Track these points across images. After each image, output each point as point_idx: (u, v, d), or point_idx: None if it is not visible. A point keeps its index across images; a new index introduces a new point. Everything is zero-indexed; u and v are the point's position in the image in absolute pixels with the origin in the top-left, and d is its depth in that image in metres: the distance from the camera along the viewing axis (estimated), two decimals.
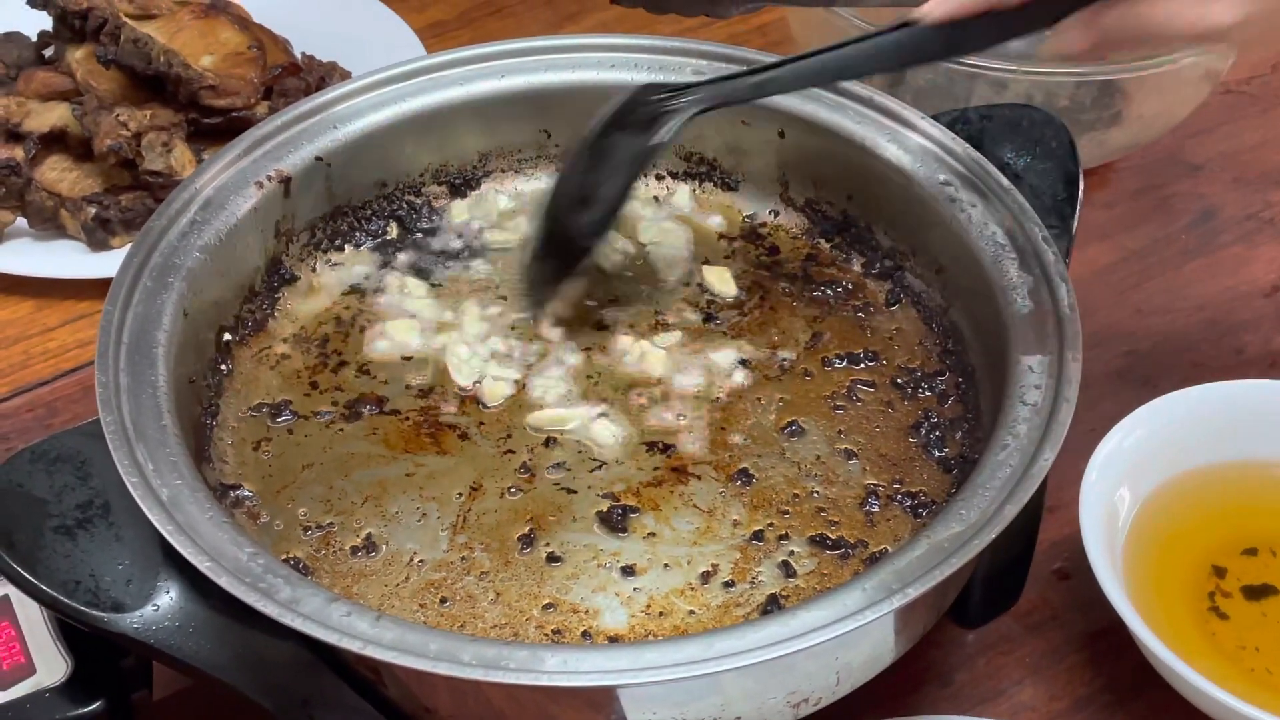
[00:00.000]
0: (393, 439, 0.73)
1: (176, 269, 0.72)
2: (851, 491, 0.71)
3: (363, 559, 0.68)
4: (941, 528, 0.61)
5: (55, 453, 0.64)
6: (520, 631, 0.65)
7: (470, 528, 0.69)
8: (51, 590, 0.60)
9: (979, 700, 0.75)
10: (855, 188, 0.83)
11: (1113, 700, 0.75)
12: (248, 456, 0.72)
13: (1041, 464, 0.63)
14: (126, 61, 1.00)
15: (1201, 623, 0.74)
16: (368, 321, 0.80)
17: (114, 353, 0.67)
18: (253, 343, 0.78)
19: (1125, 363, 0.92)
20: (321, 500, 0.70)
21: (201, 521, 0.61)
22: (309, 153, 0.80)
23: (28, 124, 1.01)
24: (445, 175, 0.86)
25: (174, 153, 0.98)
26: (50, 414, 0.89)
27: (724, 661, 0.56)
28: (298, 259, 0.82)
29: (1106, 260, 0.99)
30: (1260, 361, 0.92)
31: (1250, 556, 0.77)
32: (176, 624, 0.60)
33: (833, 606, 0.58)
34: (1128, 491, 0.77)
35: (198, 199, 0.76)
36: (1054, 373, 0.67)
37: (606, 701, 0.58)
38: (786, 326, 0.79)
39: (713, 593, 0.67)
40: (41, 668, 0.64)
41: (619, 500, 0.70)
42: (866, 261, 0.83)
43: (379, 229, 0.85)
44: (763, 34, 1.19)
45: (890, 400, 0.75)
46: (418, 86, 0.83)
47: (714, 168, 0.87)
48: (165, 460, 0.63)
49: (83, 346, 0.94)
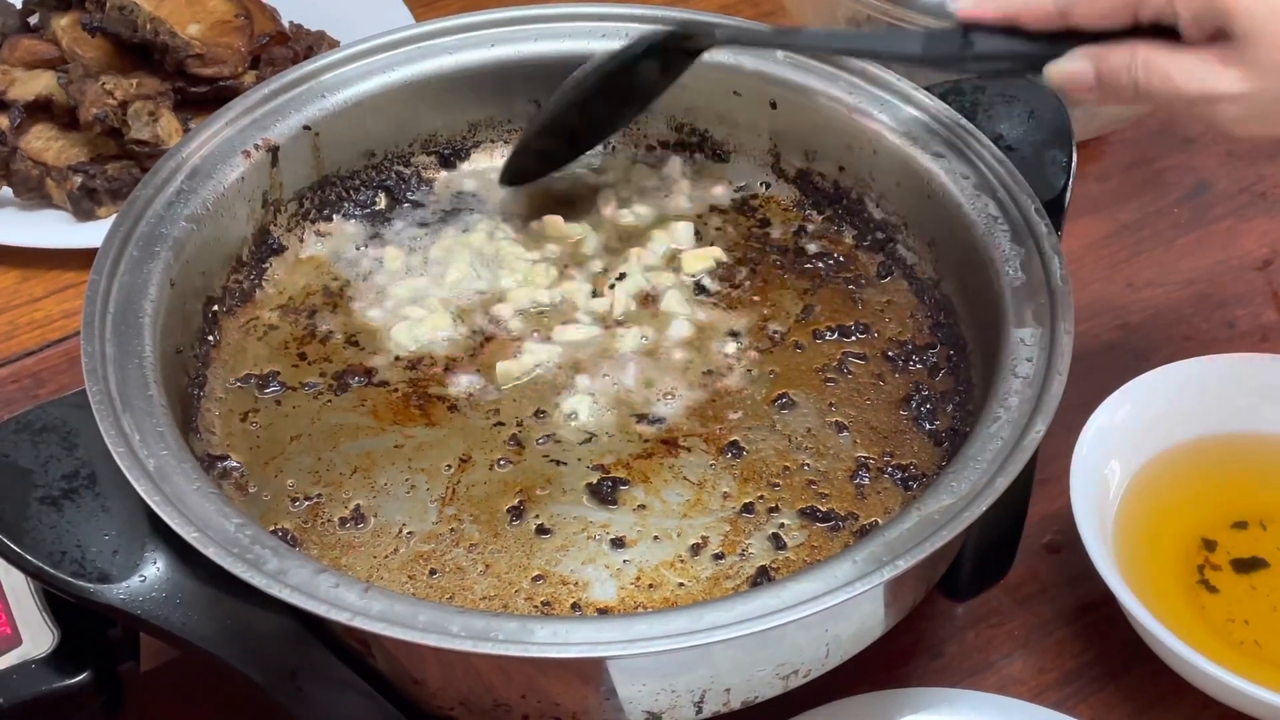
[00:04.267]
0: (381, 410, 0.73)
1: (163, 239, 0.72)
2: (842, 464, 0.71)
3: (351, 530, 0.68)
4: (932, 500, 0.61)
5: (41, 423, 0.64)
6: (509, 603, 0.65)
7: (459, 499, 0.69)
8: (37, 561, 0.60)
9: (969, 673, 0.75)
10: (847, 159, 0.82)
11: (1102, 673, 0.75)
12: (235, 427, 0.72)
13: (1032, 437, 0.62)
14: (112, 29, 0.99)
15: (1191, 596, 0.74)
16: (356, 292, 0.79)
17: (100, 323, 0.67)
18: (240, 313, 0.77)
19: (1117, 336, 0.92)
20: (310, 471, 0.70)
21: (189, 492, 0.60)
22: (297, 122, 0.80)
23: (12, 92, 1.00)
24: (434, 145, 0.86)
25: (160, 122, 0.98)
26: (36, 385, 0.89)
27: (714, 633, 0.56)
28: (285, 229, 0.81)
29: (1099, 233, 0.99)
30: (1252, 335, 0.92)
31: (1240, 530, 0.77)
32: (164, 595, 0.60)
33: (823, 578, 0.57)
34: (1118, 465, 0.77)
35: (184, 168, 0.75)
36: (1046, 345, 0.66)
37: (596, 673, 0.58)
38: (777, 299, 0.79)
39: (702, 565, 0.66)
40: (28, 639, 0.64)
41: (609, 472, 0.70)
42: (858, 234, 0.82)
43: (367, 199, 0.84)
44: (754, 4, 1.18)
45: (881, 373, 0.75)
46: (406, 55, 0.83)
47: (705, 139, 0.87)
48: (152, 431, 0.63)
49: (69, 317, 0.93)
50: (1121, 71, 0.65)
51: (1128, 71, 0.64)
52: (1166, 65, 0.64)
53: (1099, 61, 0.65)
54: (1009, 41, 0.68)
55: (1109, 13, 0.65)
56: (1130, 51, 0.64)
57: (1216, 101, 0.63)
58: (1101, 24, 0.65)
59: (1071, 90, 0.67)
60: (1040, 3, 0.66)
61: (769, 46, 0.81)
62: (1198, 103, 0.64)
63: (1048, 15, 0.66)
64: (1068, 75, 0.66)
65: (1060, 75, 0.67)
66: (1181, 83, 0.63)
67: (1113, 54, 0.65)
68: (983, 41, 0.68)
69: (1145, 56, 0.64)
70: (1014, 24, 0.67)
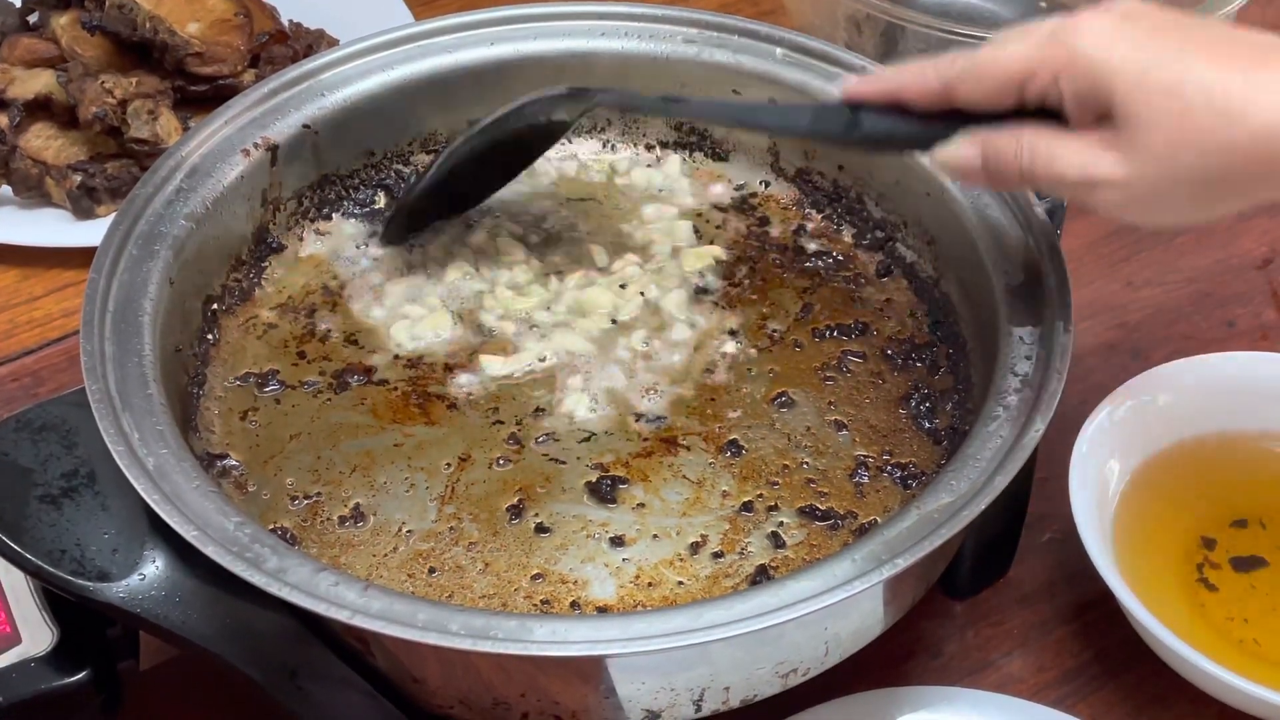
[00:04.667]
0: (381, 409, 0.73)
1: (162, 237, 0.72)
2: (841, 463, 0.71)
3: (350, 529, 0.68)
4: (931, 499, 0.61)
5: (40, 421, 0.64)
6: (509, 602, 0.65)
7: (459, 498, 0.69)
8: (37, 559, 0.60)
9: (968, 671, 0.75)
10: (846, 158, 0.82)
11: (1101, 672, 0.75)
12: (235, 426, 0.72)
13: (1032, 435, 0.62)
14: (112, 28, 0.99)
15: (1190, 594, 0.74)
16: (355, 291, 0.79)
17: (99, 321, 0.67)
18: (239, 312, 0.77)
19: (1116, 335, 0.92)
20: (309, 470, 0.70)
21: (188, 491, 0.60)
22: (296, 120, 0.80)
23: (12, 91, 1.00)
24: (434, 144, 0.86)
25: (160, 120, 0.98)
26: (36, 383, 0.89)
27: (713, 632, 0.56)
28: (285, 228, 0.81)
29: (1098, 232, 0.99)
30: (1251, 334, 0.92)
31: (1239, 528, 0.77)
32: (163, 593, 0.60)
33: (822, 577, 0.58)
34: (1118, 463, 0.77)
35: (184, 167, 0.75)
36: (1045, 344, 0.67)
37: (595, 672, 0.58)
38: (777, 297, 0.79)
39: (702, 563, 0.66)
40: (27, 637, 0.64)
41: (608, 471, 0.70)
42: (857, 232, 0.82)
43: (367, 198, 0.84)
44: (754, 3, 1.18)
45: (881, 371, 0.75)
46: (406, 54, 0.83)
47: (705, 137, 0.87)
48: (151, 429, 0.63)
49: (68, 316, 0.93)
50: (1008, 156, 0.61)
51: (1014, 157, 0.61)
52: (1051, 149, 0.60)
53: (985, 146, 0.62)
54: (895, 121, 0.65)
55: (994, 92, 0.61)
56: (1015, 136, 0.61)
57: (1097, 187, 0.59)
58: (987, 104, 0.62)
59: (959, 175, 0.65)
60: (924, 81, 0.63)
61: (655, 114, 0.83)
62: (1079, 188, 0.60)
63: (932, 94, 0.63)
64: (954, 160, 0.63)
65: (947, 159, 0.64)
66: (1063, 167, 0.60)
67: (999, 138, 0.62)
68: (870, 121, 0.65)
69: (1030, 140, 0.61)
70: (899, 103, 0.64)
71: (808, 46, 0.82)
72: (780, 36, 0.83)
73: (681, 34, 0.84)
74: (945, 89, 0.63)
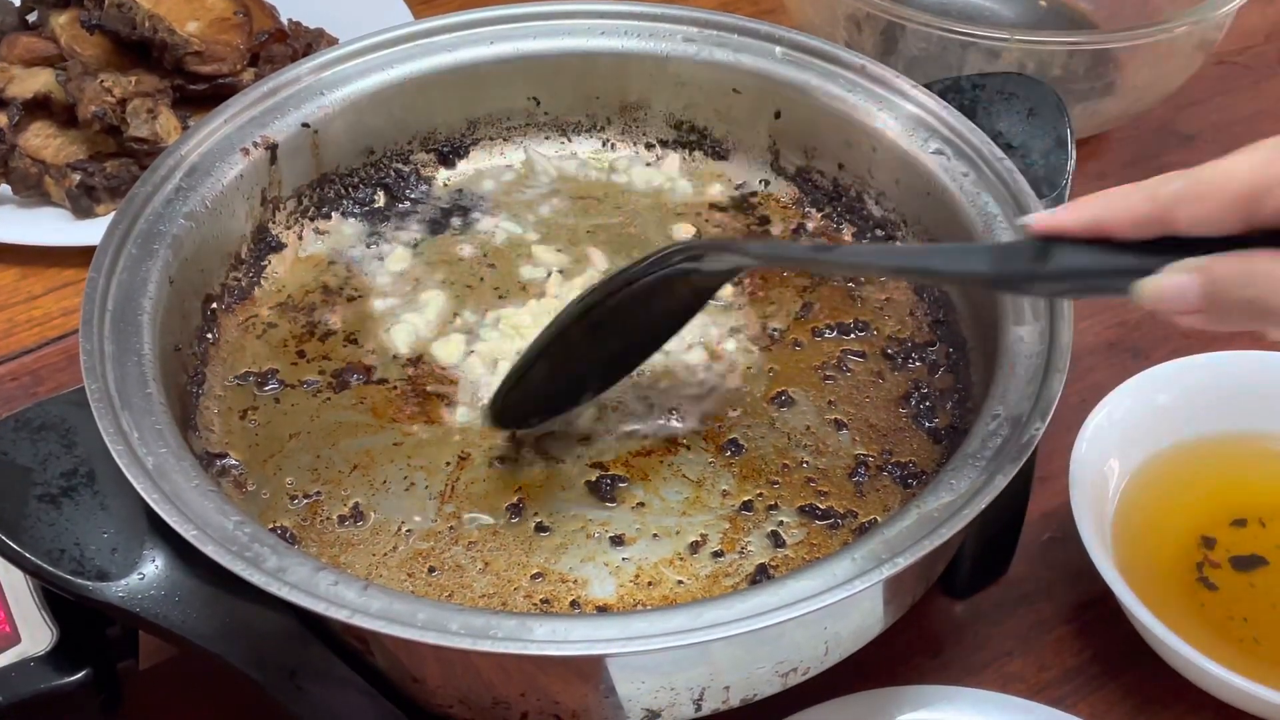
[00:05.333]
0: (380, 408, 0.73)
1: (162, 236, 0.72)
2: (841, 462, 0.71)
3: (350, 528, 0.68)
4: (931, 498, 0.61)
5: (40, 421, 0.64)
6: (508, 601, 0.65)
7: (458, 497, 0.69)
8: (36, 558, 0.59)
9: (968, 671, 0.75)
10: (846, 157, 0.82)
11: (1101, 671, 0.75)
12: (234, 425, 0.72)
13: (1031, 434, 0.62)
14: (111, 27, 0.99)
15: (1190, 593, 0.74)
16: (355, 290, 0.79)
17: (99, 320, 0.66)
18: (239, 311, 0.77)
19: (1116, 334, 0.92)
20: (309, 469, 0.70)
21: (187, 490, 0.60)
22: (295, 119, 0.80)
23: (11, 90, 1.00)
24: (433, 143, 0.86)
25: (159, 119, 0.98)
26: (35, 382, 0.89)
27: (712, 631, 0.56)
28: (284, 227, 0.81)
29: None
30: (1251, 333, 0.92)
31: (1239, 528, 0.77)
32: (162, 593, 0.60)
33: (822, 576, 0.57)
34: (1117, 462, 0.77)
35: (183, 166, 0.75)
36: (1045, 343, 0.66)
37: (595, 671, 0.58)
38: (777, 296, 0.79)
39: (701, 563, 0.66)
40: (26, 637, 0.64)
41: (608, 470, 0.70)
42: (857, 231, 0.82)
43: (366, 197, 0.84)
44: (753, 2, 1.18)
45: (880, 370, 0.75)
46: (405, 53, 0.83)
47: (705, 136, 0.87)
48: (151, 428, 0.63)
49: (67, 315, 0.93)
50: (1233, 288, 0.53)
51: (1243, 288, 0.52)
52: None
53: (1206, 275, 0.53)
54: (1096, 254, 0.56)
55: (1219, 212, 0.53)
56: (1246, 262, 0.52)
57: None
58: (1209, 229, 0.53)
59: (1172, 311, 0.55)
60: (1134, 206, 0.55)
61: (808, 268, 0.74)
62: None
63: (1144, 220, 0.54)
64: (1166, 292, 0.54)
65: (1156, 292, 0.54)
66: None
67: (1223, 266, 0.53)
68: (1063, 256, 0.56)
69: (1267, 269, 0.52)
70: (1102, 235, 0.55)
71: (807, 45, 0.82)
72: (780, 35, 0.82)
73: (681, 32, 0.83)
74: (1158, 212, 0.54)
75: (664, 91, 0.85)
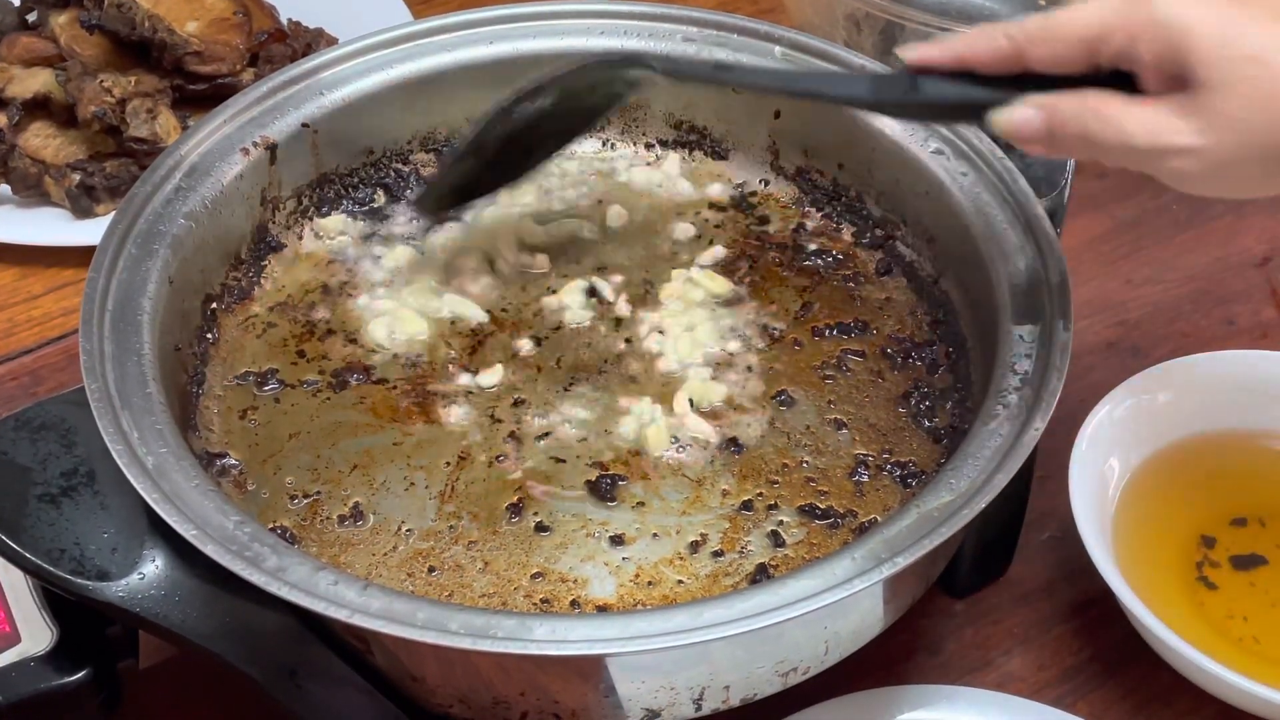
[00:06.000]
0: (380, 408, 0.73)
1: (161, 236, 0.72)
2: (841, 461, 0.71)
3: (350, 528, 0.68)
4: (931, 497, 0.61)
5: (39, 420, 0.64)
6: (508, 601, 0.65)
7: (458, 497, 0.69)
8: (36, 558, 0.60)
9: (968, 670, 0.75)
10: (846, 156, 0.82)
11: (1101, 670, 0.75)
12: (234, 425, 0.72)
13: (1031, 434, 0.62)
14: (110, 27, 0.99)
15: (1190, 592, 0.74)
16: (354, 290, 0.79)
17: (98, 320, 0.67)
18: (238, 310, 0.77)
19: (1116, 333, 0.92)
20: (308, 469, 0.70)
21: (187, 489, 0.60)
22: (295, 119, 0.80)
23: (11, 90, 1.00)
24: (433, 143, 0.86)
25: (159, 119, 0.98)
26: (35, 382, 0.89)
27: (712, 631, 0.56)
28: (284, 227, 0.81)
29: (1098, 230, 0.99)
30: (1250, 332, 0.92)
31: (1239, 527, 0.77)
32: (162, 593, 0.60)
33: (822, 576, 0.57)
34: (1117, 461, 0.77)
35: (183, 166, 0.75)
36: (1045, 342, 0.66)
37: (595, 670, 0.58)
38: (777, 296, 0.79)
39: (701, 562, 0.66)
40: (27, 636, 0.64)
41: (607, 469, 0.70)
42: (857, 231, 0.82)
43: (366, 197, 0.84)
44: (753, 2, 1.18)
45: (880, 370, 0.75)
46: (405, 53, 0.83)
47: (704, 136, 0.87)
48: (150, 428, 0.63)
49: (67, 314, 0.93)
50: (1071, 121, 0.59)
51: (1078, 121, 0.59)
52: (1120, 115, 0.58)
53: (1049, 110, 0.60)
54: (959, 87, 0.62)
55: (1067, 53, 0.59)
56: (1081, 100, 0.59)
57: (1170, 156, 0.57)
58: (1057, 67, 0.60)
59: (1018, 139, 0.61)
60: (994, 43, 0.61)
61: (705, 81, 0.81)
62: (1150, 156, 0.58)
63: (1002, 55, 0.61)
64: (1015, 123, 0.61)
65: (1007, 123, 0.61)
66: (1133, 134, 0.58)
67: (1063, 101, 0.59)
68: (933, 86, 0.63)
69: (1097, 105, 0.58)
70: (965, 67, 0.62)
71: (807, 45, 0.82)
72: (779, 35, 0.82)
73: (681, 32, 0.83)
74: (1015, 50, 0.61)
75: (664, 91, 0.85)
